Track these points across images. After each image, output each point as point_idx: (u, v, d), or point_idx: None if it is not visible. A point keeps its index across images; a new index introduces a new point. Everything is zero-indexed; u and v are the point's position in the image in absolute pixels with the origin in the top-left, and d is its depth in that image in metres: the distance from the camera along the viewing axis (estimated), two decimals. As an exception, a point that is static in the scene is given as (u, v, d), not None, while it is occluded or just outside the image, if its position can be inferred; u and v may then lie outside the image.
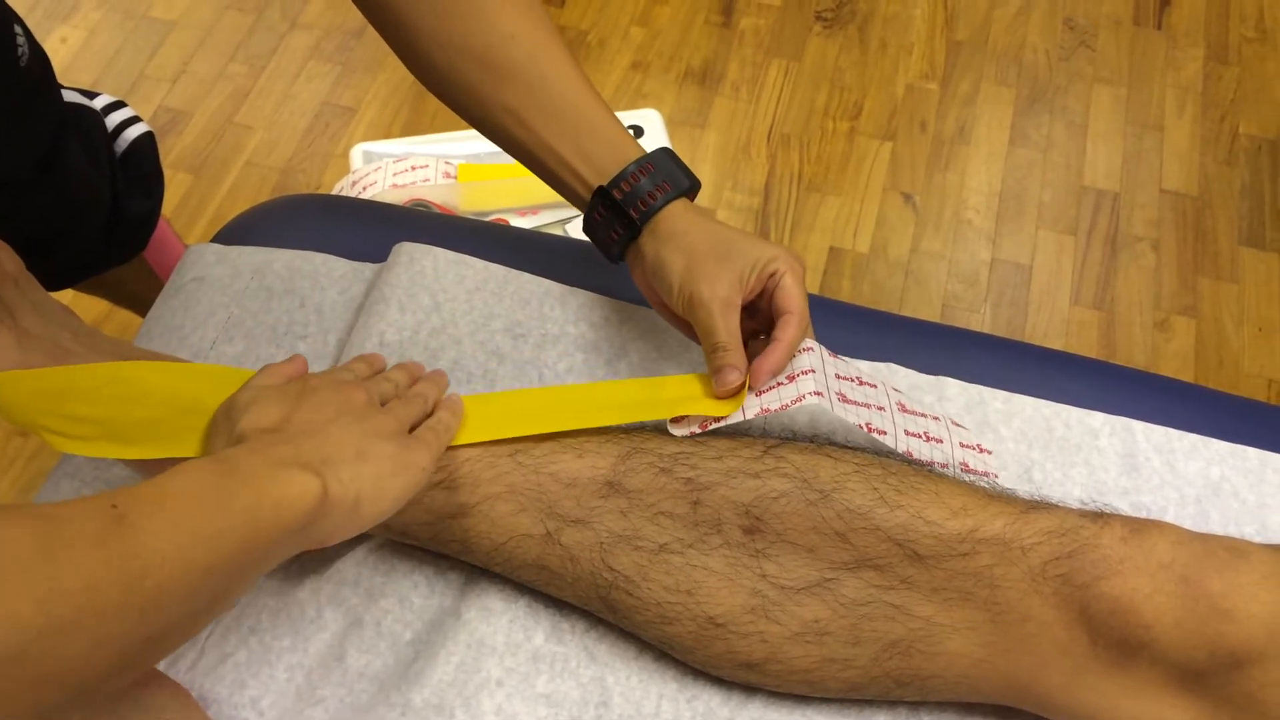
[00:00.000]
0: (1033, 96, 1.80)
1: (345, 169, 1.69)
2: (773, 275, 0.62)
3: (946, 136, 1.76)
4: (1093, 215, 1.68)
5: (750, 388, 0.62)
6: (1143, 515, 0.68)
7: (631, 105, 1.77)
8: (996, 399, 0.73)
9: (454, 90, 0.68)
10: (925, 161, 1.73)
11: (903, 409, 0.65)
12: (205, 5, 1.90)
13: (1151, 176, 1.72)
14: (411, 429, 0.57)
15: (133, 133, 1.04)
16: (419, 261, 0.76)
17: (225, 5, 1.90)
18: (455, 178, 1.21)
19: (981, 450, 0.67)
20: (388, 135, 1.74)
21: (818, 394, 0.60)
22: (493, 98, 0.66)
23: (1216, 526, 0.68)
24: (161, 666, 0.62)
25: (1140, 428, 0.72)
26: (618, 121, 0.67)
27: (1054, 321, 1.57)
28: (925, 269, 1.62)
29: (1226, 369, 1.53)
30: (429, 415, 0.60)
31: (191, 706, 0.61)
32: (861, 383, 0.64)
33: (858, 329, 0.78)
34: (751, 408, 0.61)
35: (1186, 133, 1.77)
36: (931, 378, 0.74)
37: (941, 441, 0.65)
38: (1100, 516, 0.57)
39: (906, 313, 1.57)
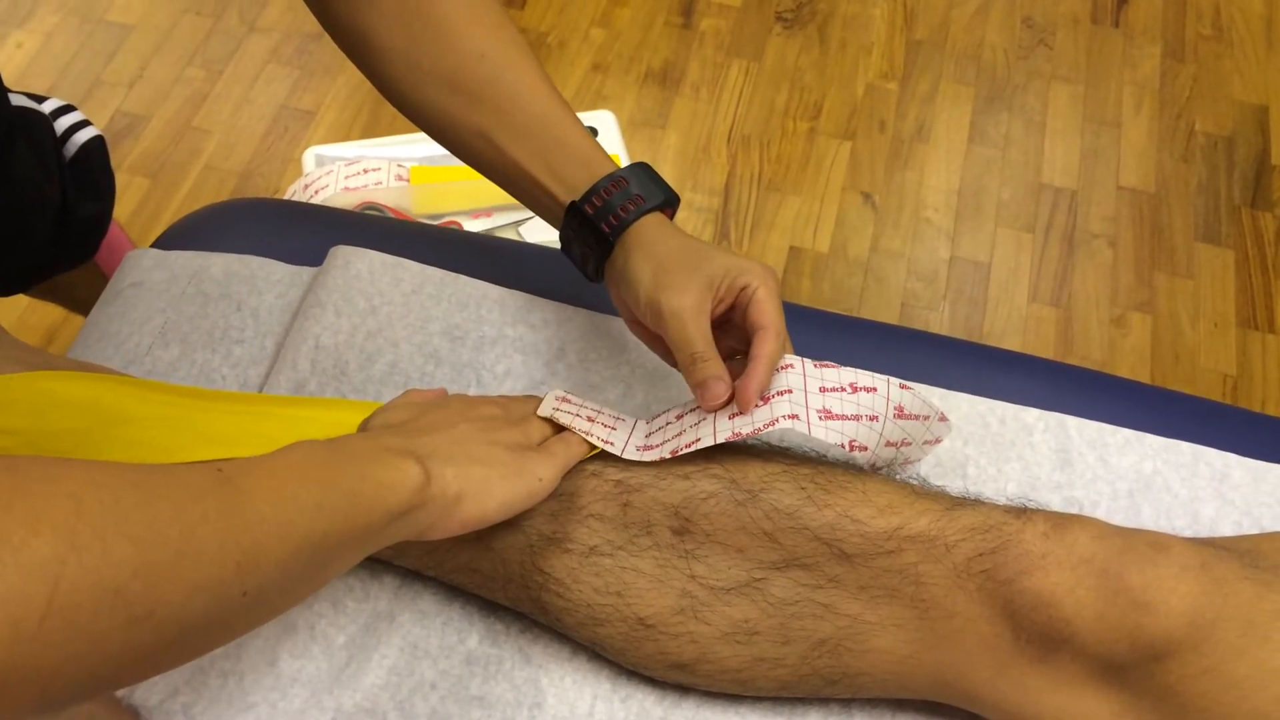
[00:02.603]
0: (991, 95, 1.81)
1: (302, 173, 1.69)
2: (744, 289, 0.60)
3: (906, 135, 1.76)
4: (1050, 213, 1.69)
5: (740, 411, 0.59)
6: (1075, 510, 0.69)
7: (592, 106, 1.77)
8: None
9: (426, 114, 0.67)
10: (885, 160, 1.74)
11: (901, 413, 0.61)
12: (163, 9, 1.89)
13: (1109, 174, 1.73)
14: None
15: (82, 136, 1.04)
16: (354, 265, 0.76)
17: (183, 9, 1.89)
18: (408, 180, 1.21)
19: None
20: (347, 138, 1.74)
21: (793, 416, 0.57)
22: (464, 121, 0.66)
23: (1148, 520, 0.69)
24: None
25: (1074, 423, 0.72)
26: (590, 138, 0.66)
27: (1012, 319, 1.58)
28: (885, 268, 1.63)
29: (1183, 364, 1.55)
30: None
31: (122, 713, 0.61)
32: (856, 389, 0.60)
33: (796, 330, 0.78)
34: (723, 431, 0.58)
35: (1143, 130, 1.78)
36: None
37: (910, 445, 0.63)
38: (1024, 513, 0.58)
39: (866, 312, 1.58)
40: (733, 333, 0.63)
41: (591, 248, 0.65)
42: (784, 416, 0.57)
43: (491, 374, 0.74)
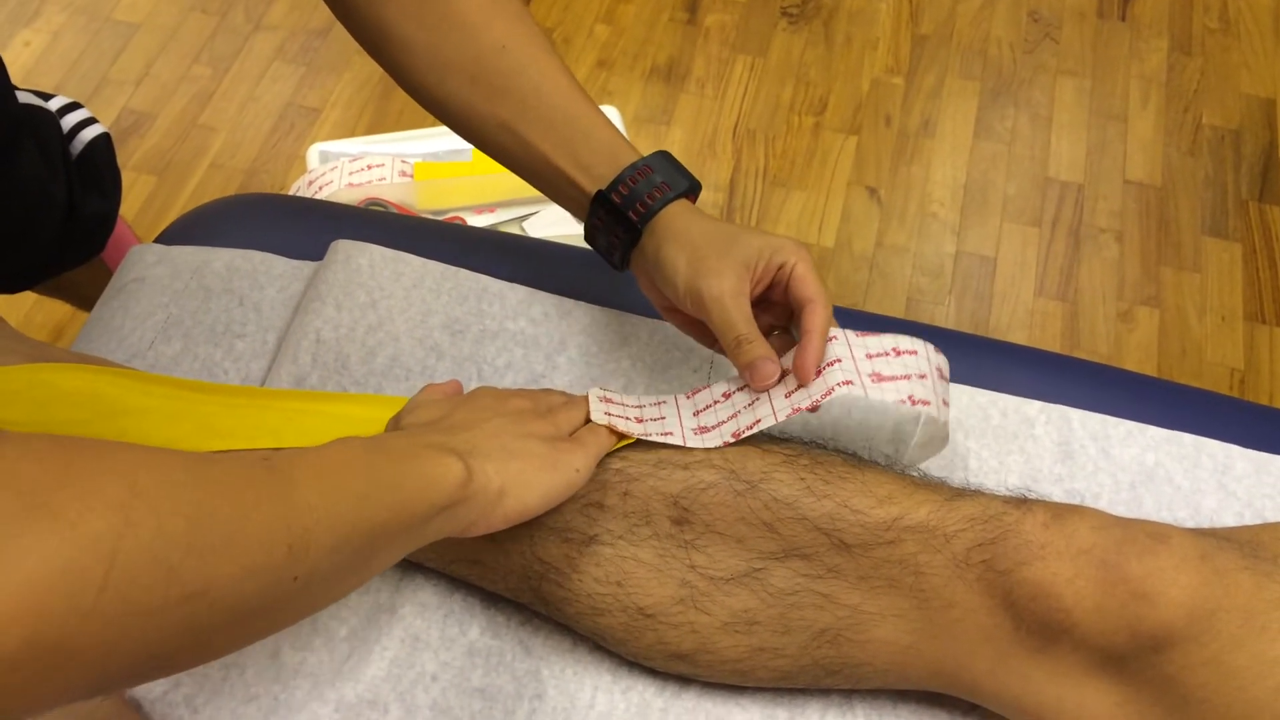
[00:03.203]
0: (997, 89, 1.81)
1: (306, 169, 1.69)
2: (782, 266, 0.61)
3: (911, 130, 1.76)
4: (1057, 207, 1.68)
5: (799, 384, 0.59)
6: (1076, 501, 0.69)
7: (598, 102, 1.77)
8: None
9: (448, 107, 0.67)
10: (890, 155, 1.73)
11: (941, 376, 0.62)
12: (169, 8, 1.90)
13: (1115, 168, 1.72)
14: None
15: (89, 134, 1.04)
16: (355, 259, 0.76)
17: (189, 7, 1.90)
18: (412, 176, 1.21)
19: None
20: (352, 135, 1.74)
21: (847, 383, 0.58)
22: (487, 113, 0.66)
23: (1150, 512, 0.68)
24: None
25: (1076, 415, 0.72)
26: (613, 127, 0.66)
27: (1018, 313, 1.58)
28: (890, 262, 1.62)
29: (1189, 359, 1.54)
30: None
31: (124, 705, 0.61)
32: (899, 352, 0.61)
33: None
34: (782, 409, 0.59)
35: (1150, 124, 1.77)
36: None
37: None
38: (1023, 503, 0.58)
39: (871, 307, 1.58)
40: (770, 310, 0.64)
41: (619, 236, 0.65)
42: (839, 384, 0.58)
43: (492, 367, 0.74)
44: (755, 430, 0.59)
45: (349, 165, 1.21)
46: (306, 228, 0.83)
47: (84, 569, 0.32)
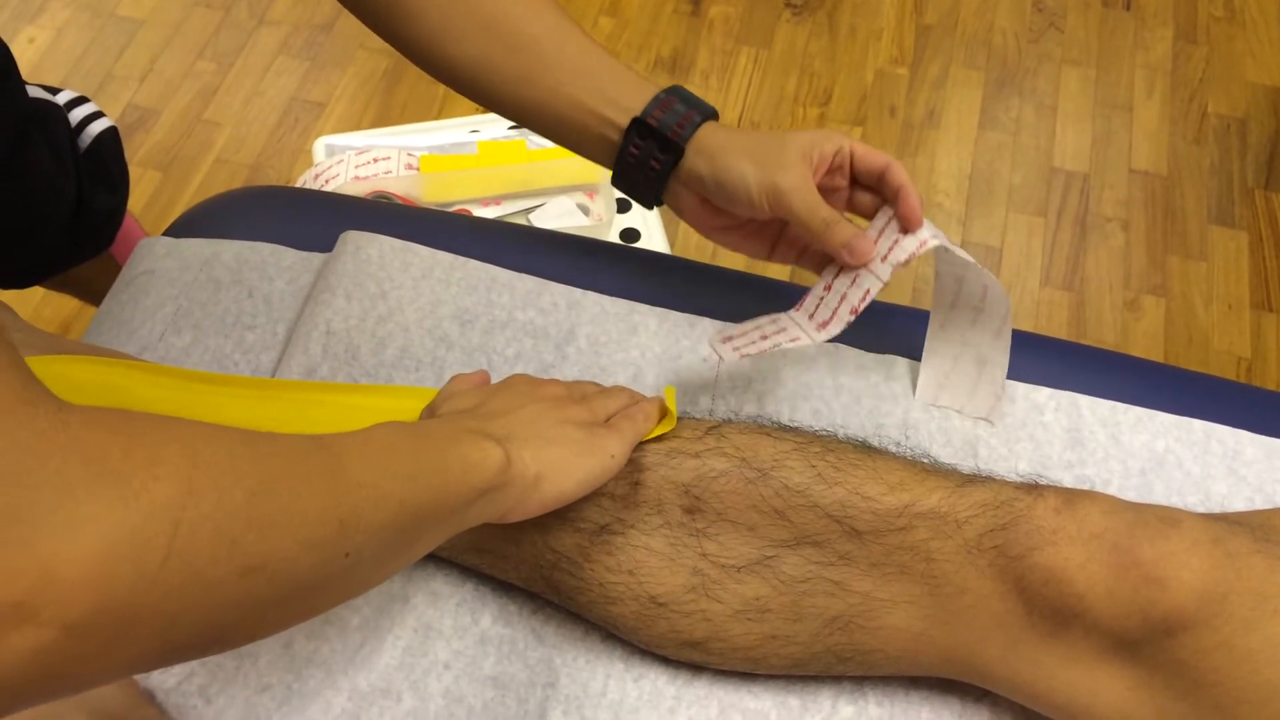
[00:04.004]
0: (1002, 79, 1.81)
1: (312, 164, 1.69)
2: (838, 151, 0.65)
3: (916, 121, 1.76)
4: (1062, 196, 1.68)
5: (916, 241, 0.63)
6: (1085, 488, 0.69)
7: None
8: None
9: (465, 68, 0.68)
10: (895, 146, 1.73)
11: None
12: (173, 3, 1.90)
13: (1121, 157, 1.72)
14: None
15: (96, 128, 1.04)
16: (365, 250, 0.76)
17: (193, 3, 1.90)
18: (418, 169, 1.21)
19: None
20: (357, 129, 1.74)
21: (935, 237, 0.62)
22: (506, 67, 0.67)
23: (1160, 497, 0.68)
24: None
25: (1086, 402, 0.72)
26: (628, 66, 0.69)
27: (1024, 303, 1.58)
28: (895, 253, 1.62)
29: (1196, 347, 1.54)
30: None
31: (137, 695, 0.61)
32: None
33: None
34: (883, 270, 0.63)
35: (1155, 113, 1.77)
36: (878, 356, 0.74)
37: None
38: (1035, 488, 0.58)
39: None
40: (834, 195, 0.67)
41: (658, 161, 0.66)
42: (929, 238, 0.62)
43: (502, 357, 0.74)
44: (869, 300, 0.63)
45: (355, 159, 1.21)
46: (315, 219, 0.83)
47: (150, 536, 0.32)
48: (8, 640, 0.30)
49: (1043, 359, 0.76)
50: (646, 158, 0.66)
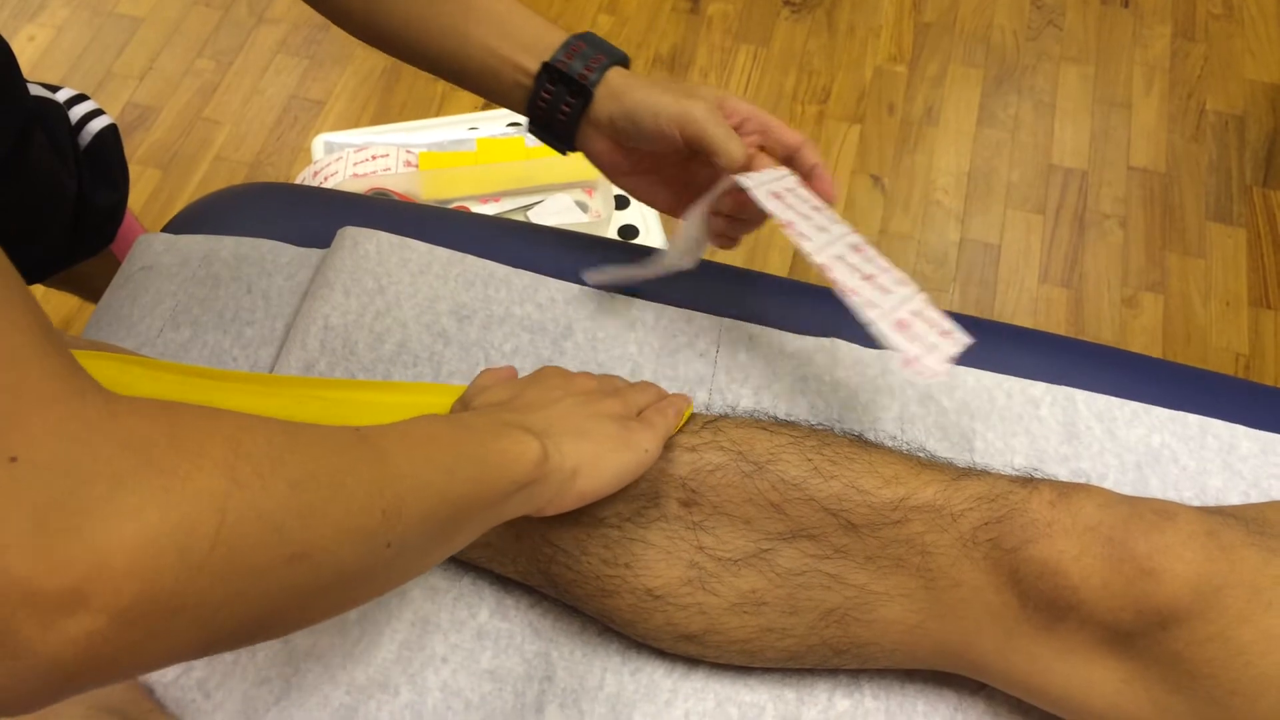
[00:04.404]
0: (1000, 77, 1.81)
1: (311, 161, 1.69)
2: (751, 116, 0.67)
3: (915, 118, 1.76)
4: (1061, 194, 1.68)
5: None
6: (1080, 481, 0.69)
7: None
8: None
9: (390, 26, 0.70)
10: (894, 143, 1.73)
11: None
12: (172, 1, 1.90)
13: (1119, 154, 1.72)
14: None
15: (96, 125, 1.04)
16: (362, 245, 0.76)
17: (192, 1, 1.90)
18: (416, 166, 1.21)
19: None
20: (356, 127, 1.74)
21: (836, 223, 0.64)
22: (430, 19, 0.68)
23: (1155, 492, 0.69)
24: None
25: (1081, 396, 0.72)
26: (540, 15, 0.70)
27: (1022, 300, 1.58)
28: (894, 250, 1.62)
29: (1194, 344, 1.54)
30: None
31: (137, 690, 0.61)
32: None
33: (802, 304, 0.78)
34: (763, 192, 0.62)
35: (1154, 110, 1.77)
36: (876, 351, 0.74)
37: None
38: (1030, 481, 0.58)
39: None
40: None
41: (569, 105, 0.67)
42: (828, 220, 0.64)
43: (499, 352, 0.74)
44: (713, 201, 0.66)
45: (354, 156, 1.21)
46: (313, 216, 0.84)
47: (195, 525, 0.33)
48: (62, 627, 0.30)
49: (1038, 354, 0.77)
50: (557, 103, 0.67)
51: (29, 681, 0.31)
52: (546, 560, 0.61)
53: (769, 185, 0.63)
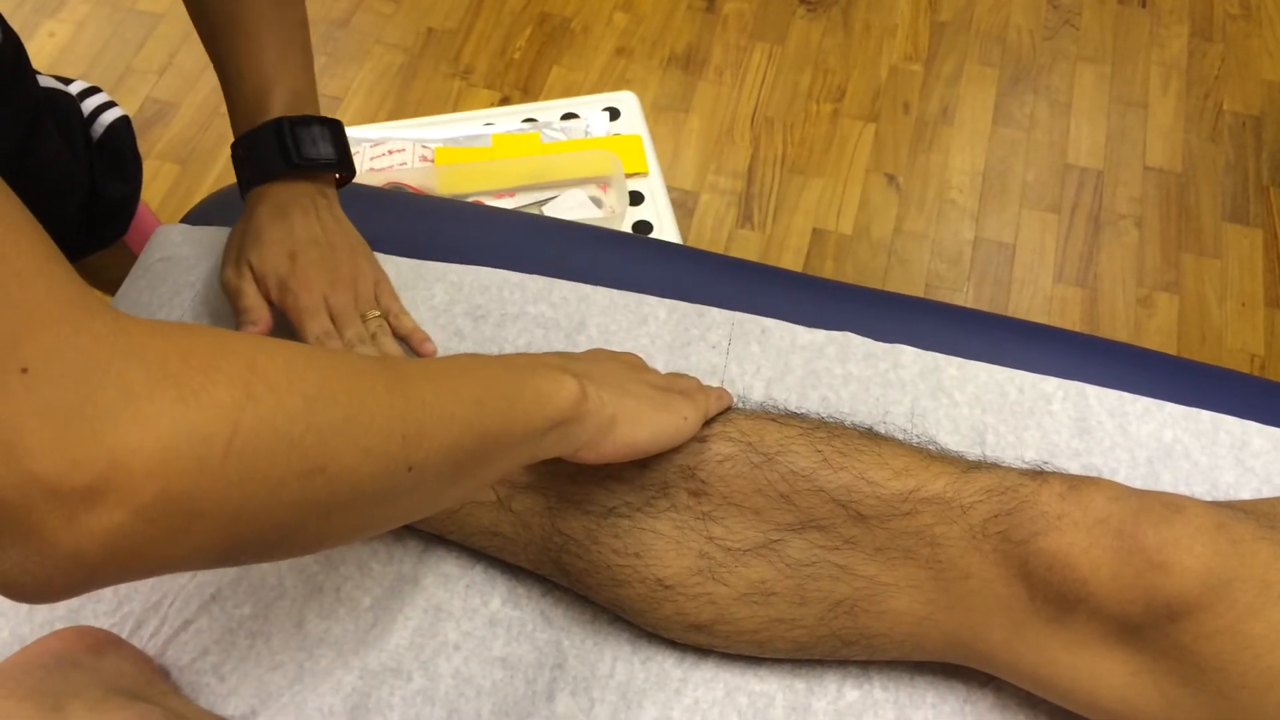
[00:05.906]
0: (1016, 76, 1.80)
1: (330, 157, 1.70)
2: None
3: (930, 117, 1.76)
4: (1076, 193, 1.68)
5: None
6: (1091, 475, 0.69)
7: (615, 90, 1.77)
8: (951, 365, 0.73)
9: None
10: (909, 142, 1.73)
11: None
12: (191, -3, 1.91)
13: (1135, 154, 1.72)
14: None
15: (108, 117, 1.05)
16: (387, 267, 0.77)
17: (211, -3, 1.91)
18: (433, 161, 1.22)
19: None
20: (372, 122, 1.75)
21: None
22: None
23: (1167, 487, 0.69)
24: (123, 634, 0.64)
25: (1093, 392, 0.72)
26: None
27: (1037, 299, 1.58)
28: (908, 249, 1.62)
29: (1209, 344, 1.54)
30: None
31: (153, 673, 0.62)
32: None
33: (819, 299, 0.79)
34: None
35: (1170, 110, 1.77)
36: (887, 345, 0.74)
37: None
38: (1039, 474, 0.58)
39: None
40: None
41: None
42: None
43: (514, 348, 0.74)
44: None
45: (370, 150, 1.22)
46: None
47: (209, 434, 0.34)
48: (84, 521, 0.32)
49: (1050, 349, 0.77)
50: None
51: (55, 573, 0.32)
52: (557, 550, 0.61)
53: None
